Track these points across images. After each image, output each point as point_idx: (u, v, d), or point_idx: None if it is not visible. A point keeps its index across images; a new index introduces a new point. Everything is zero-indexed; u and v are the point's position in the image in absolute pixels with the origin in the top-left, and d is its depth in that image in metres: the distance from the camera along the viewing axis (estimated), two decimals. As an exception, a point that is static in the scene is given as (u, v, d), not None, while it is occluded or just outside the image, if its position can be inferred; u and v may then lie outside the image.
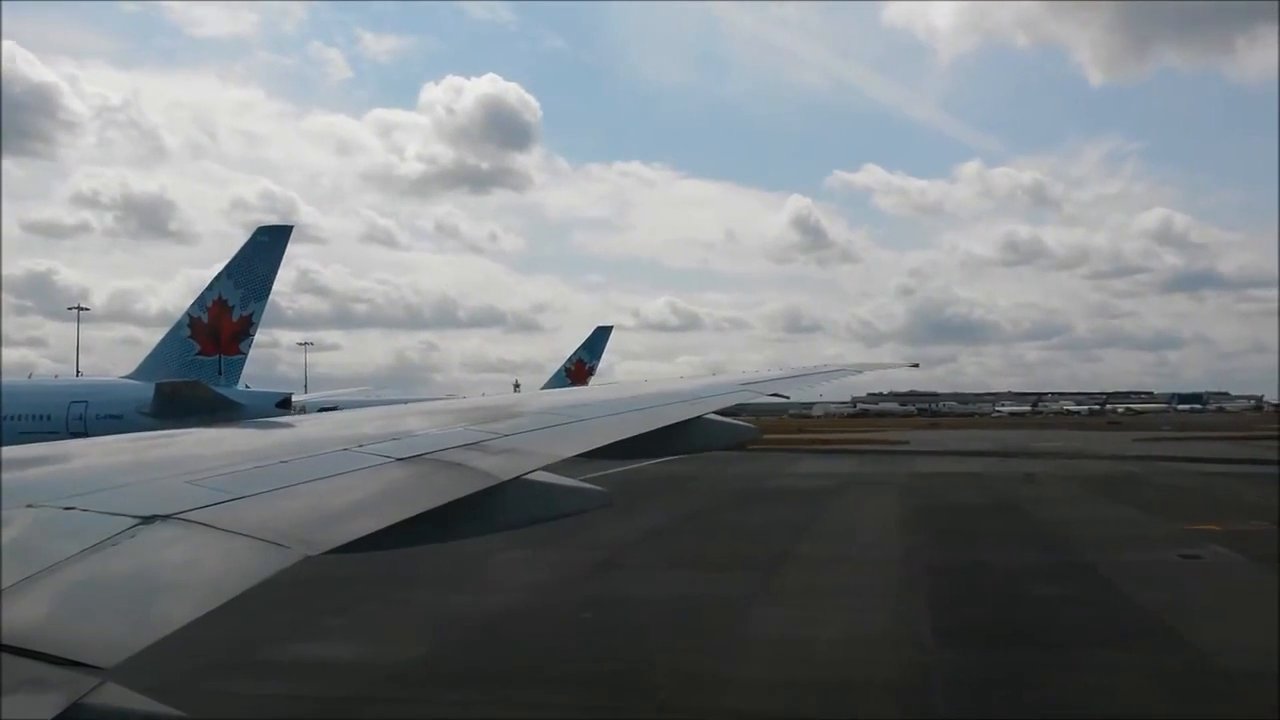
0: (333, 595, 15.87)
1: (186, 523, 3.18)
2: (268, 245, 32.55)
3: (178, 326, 33.49)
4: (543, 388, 69.93)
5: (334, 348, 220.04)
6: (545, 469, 4.80)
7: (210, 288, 32.99)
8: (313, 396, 61.16)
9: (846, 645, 13.92)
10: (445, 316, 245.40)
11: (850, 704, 11.36)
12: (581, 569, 19.95)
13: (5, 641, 2.24)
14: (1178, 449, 62.84)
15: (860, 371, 13.29)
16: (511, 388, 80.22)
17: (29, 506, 3.24)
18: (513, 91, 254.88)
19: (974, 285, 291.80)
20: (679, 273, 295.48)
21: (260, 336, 32.92)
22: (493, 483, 4.35)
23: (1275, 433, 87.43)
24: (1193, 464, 49.99)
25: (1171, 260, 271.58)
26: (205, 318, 32.65)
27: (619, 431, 6.21)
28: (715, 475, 43.72)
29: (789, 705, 11.49)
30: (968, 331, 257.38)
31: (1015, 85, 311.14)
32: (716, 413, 7.42)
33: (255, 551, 3.05)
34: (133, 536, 2.99)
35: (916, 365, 15.97)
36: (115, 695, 2.20)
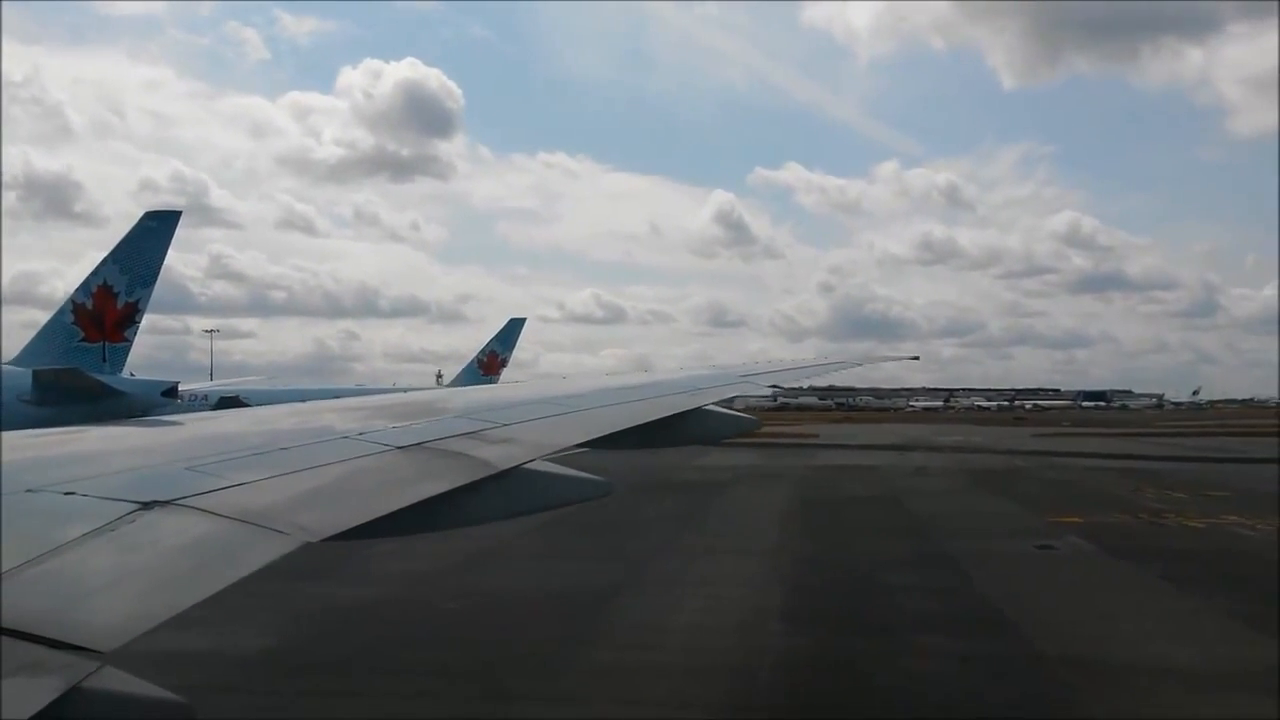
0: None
1: (186, 509, 3.20)
2: (156, 230, 31.78)
3: (61, 312, 32.49)
4: (454, 380, 69.62)
5: (249, 335, 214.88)
6: (545, 458, 4.81)
7: (95, 273, 32.06)
8: (205, 385, 59.76)
9: (695, 633, 14.33)
10: (366, 305, 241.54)
11: (683, 688, 11.74)
12: (461, 559, 20.04)
13: (5, 625, 2.24)
14: (1071, 445, 65.23)
15: (860, 365, 13.53)
16: (434, 378, 79.65)
17: (29, 491, 3.24)
18: (434, 77, 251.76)
19: (892, 283, 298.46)
20: (604, 265, 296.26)
21: (171, 323, 32.32)
22: (492, 471, 4.35)
23: (1169, 429, 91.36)
24: (1079, 459, 52.02)
25: (1080, 262, 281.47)
26: (89, 304, 31.76)
27: (618, 422, 6.18)
28: (615, 468, 43.95)
29: (624, 689, 11.83)
30: (886, 328, 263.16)
31: (932, 88, 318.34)
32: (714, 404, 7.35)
33: (255, 538, 3.06)
34: (132, 522, 2.99)
35: (917, 358, 16.35)
36: (114, 679, 2.20)
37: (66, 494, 3.21)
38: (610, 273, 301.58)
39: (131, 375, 32.69)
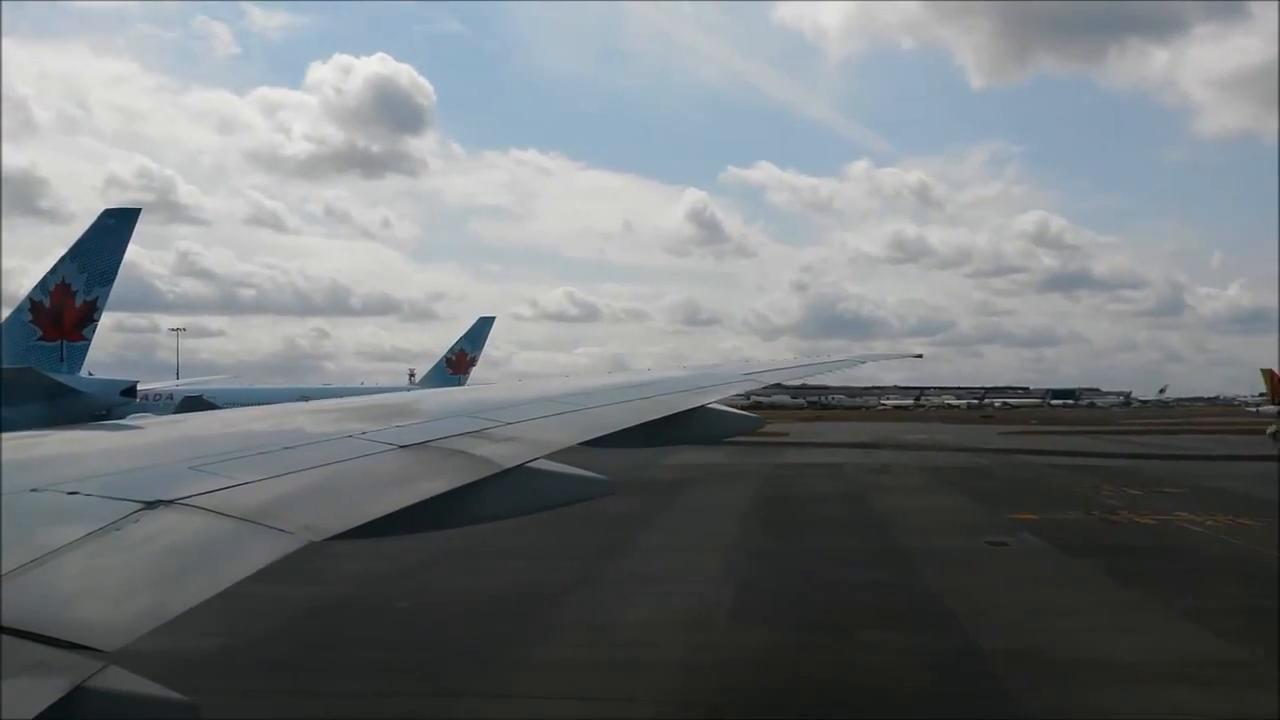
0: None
1: (190, 508, 3.20)
2: (114, 229, 31.51)
3: (18, 310, 32.16)
4: (424, 378, 69.41)
5: (218, 334, 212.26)
6: (547, 457, 4.82)
7: (53, 271, 31.76)
8: (168, 385, 59.21)
9: (645, 628, 14.49)
10: (338, 303, 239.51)
11: (626, 683, 11.88)
12: (415, 561, 20.04)
13: (9, 624, 2.23)
14: (1036, 442, 65.99)
15: (864, 362, 13.46)
16: (407, 377, 79.30)
17: (33, 491, 3.24)
18: (405, 73, 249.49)
19: (864, 282, 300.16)
20: (577, 263, 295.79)
21: (139, 321, 32.06)
22: (495, 470, 4.36)
23: (1134, 427, 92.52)
24: (1041, 457, 52.69)
25: (1048, 261, 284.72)
26: (47, 302, 31.45)
27: (622, 420, 6.19)
28: (586, 467, 44.09)
29: (569, 683, 11.94)
30: (858, 326, 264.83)
31: (903, 87, 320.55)
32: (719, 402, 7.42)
33: (259, 537, 3.08)
34: (136, 522, 2.99)
35: (921, 355, 16.44)
36: (118, 679, 2.20)
37: (70, 494, 3.21)
38: (584, 271, 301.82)
39: (90, 374, 32.42)
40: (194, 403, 52.94)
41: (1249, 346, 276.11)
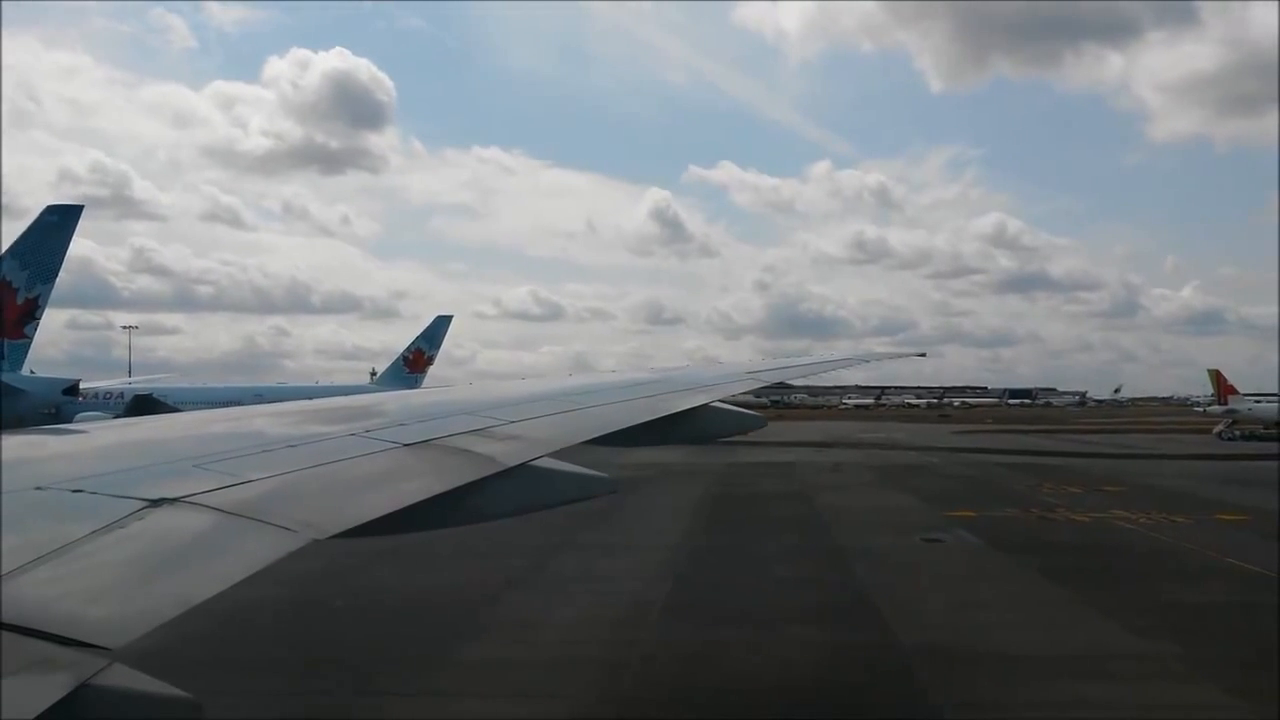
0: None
1: (195, 506, 3.20)
2: (57, 225, 31.07)
3: (-42, 308, 31.69)
4: (381, 377, 69.03)
5: (175, 331, 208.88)
6: (551, 455, 4.82)
7: (-7, 268, 31.33)
8: (117, 383, 58.44)
9: (578, 627, 14.69)
10: (297, 301, 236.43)
11: (552, 680, 12.06)
12: (356, 562, 20.05)
13: (14, 622, 2.22)
14: (987, 441, 67.01)
15: (867, 361, 13.51)
16: (369, 375, 78.74)
17: (38, 489, 3.23)
18: (363, 68, 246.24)
19: (825, 282, 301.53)
20: (541, 262, 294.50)
21: (93, 318, 31.58)
22: (498, 469, 4.36)
23: (1087, 426, 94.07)
24: (990, 455, 53.56)
25: (1006, 263, 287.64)
26: (-13, 299, 31.00)
27: (626, 419, 6.19)
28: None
29: (495, 682, 12.09)
30: (820, 326, 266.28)
31: (863, 90, 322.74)
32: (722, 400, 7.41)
33: (263, 535, 3.08)
34: (141, 519, 2.99)
35: (924, 354, 16.40)
36: (123, 676, 2.20)
37: (75, 491, 3.22)
38: (547, 269, 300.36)
39: (31, 373, 31.98)
40: (144, 401, 52.38)
41: (1202, 347, 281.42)
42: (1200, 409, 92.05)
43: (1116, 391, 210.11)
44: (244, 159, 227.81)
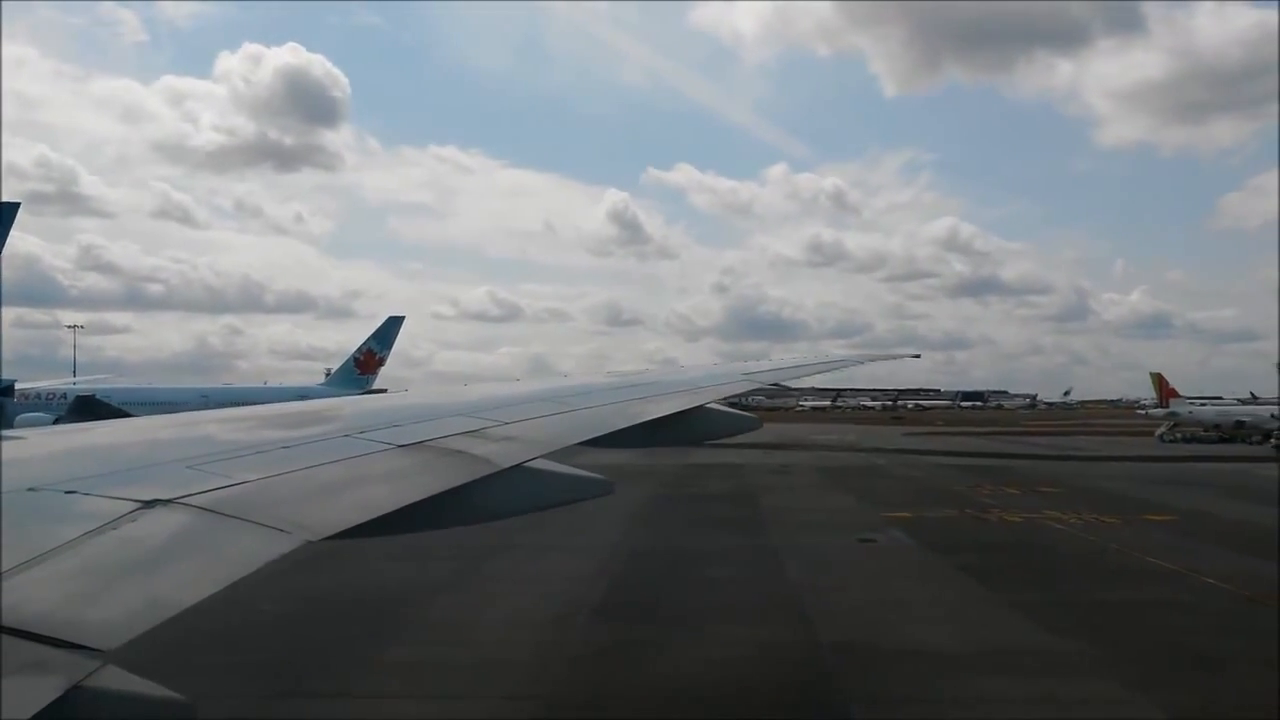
0: None
1: (188, 507, 3.18)
2: (-8, 223, 30.62)
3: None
4: (331, 378, 68.45)
5: (124, 330, 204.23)
6: (545, 456, 4.83)
7: (-73, 267, 30.76)
8: (58, 384, 57.45)
9: (502, 628, 14.79)
10: (251, 300, 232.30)
11: (473, 681, 12.17)
12: (290, 564, 19.99)
13: (7, 624, 2.21)
14: (935, 443, 68.00)
15: (862, 362, 13.60)
16: (324, 375, 78.00)
17: (31, 490, 3.21)
18: (317, 64, 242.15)
19: (783, 285, 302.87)
20: (499, 262, 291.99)
21: (40, 317, 31.04)
22: (493, 470, 4.36)
23: (1035, 428, 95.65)
24: (936, 456, 54.39)
25: (959, 267, 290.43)
26: (-80, 298, 30.42)
27: (621, 420, 6.21)
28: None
29: (416, 683, 12.18)
30: (778, 328, 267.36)
31: (819, 93, 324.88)
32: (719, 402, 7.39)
33: (257, 536, 3.07)
34: (134, 521, 2.98)
35: (918, 356, 16.40)
36: (115, 678, 2.18)
37: (68, 493, 3.20)
38: (506, 270, 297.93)
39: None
40: (87, 403, 51.56)
41: (1150, 350, 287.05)
42: (1143, 412, 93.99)
43: (1066, 394, 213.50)
44: (195, 155, 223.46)
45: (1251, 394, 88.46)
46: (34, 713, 1.91)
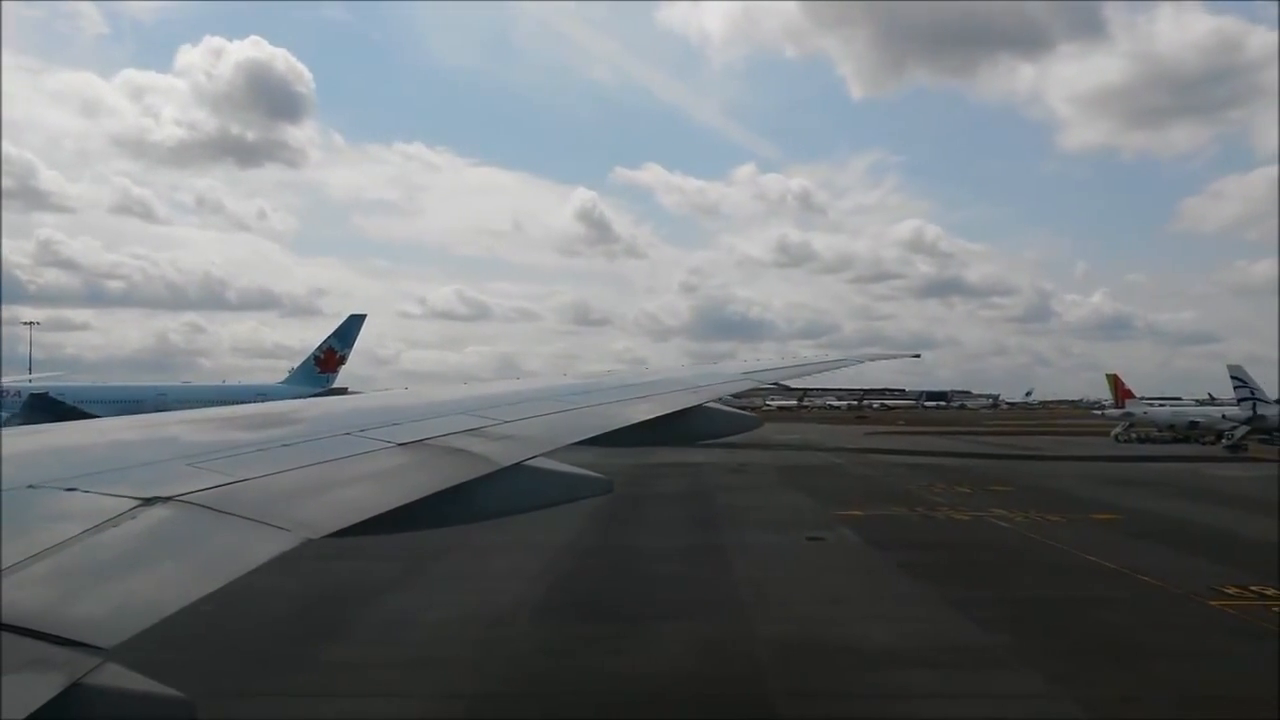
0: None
1: (187, 505, 3.19)
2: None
3: None
4: (291, 377, 67.92)
5: (84, 327, 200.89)
6: (545, 455, 4.86)
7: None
8: (13, 382, 56.65)
9: (444, 626, 14.87)
10: (213, 297, 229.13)
11: (409, 680, 12.26)
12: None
13: (7, 621, 2.21)
14: (895, 442, 68.69)
15: (862, 362, 13.69)
16: (287, 374, 77.32)
17: (30, 488, 3.22)
18: (280, 58, 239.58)
19: (751, 285, 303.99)
20: (467, 261, 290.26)
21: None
22: (493, 469, 4.38)
23: (996, 428, 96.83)
24: (893, 456, 55.04)
25: (924, 268, 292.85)
26: None
27: (622, 419, 6.25)
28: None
29: (354, 682, 12.26)
30: (746, 328, 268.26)
31: (787, 94, 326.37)
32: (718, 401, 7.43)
33: (256, 534, 3.08)
34: (134, 518, 2.99)
35: (919, 356, 16.41)
36: (115, 675, 2.18)
37: (68, 490, 3.21)
38: (474, 268, 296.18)
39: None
40: (41, 400, 50.94)
41: (1111, 351, 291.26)
42: (1100, 412, 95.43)
43: (1028, 395, 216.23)
44: (156, 150, 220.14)
45: (1209, 395, 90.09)
46: (34, 710, 1.92)
